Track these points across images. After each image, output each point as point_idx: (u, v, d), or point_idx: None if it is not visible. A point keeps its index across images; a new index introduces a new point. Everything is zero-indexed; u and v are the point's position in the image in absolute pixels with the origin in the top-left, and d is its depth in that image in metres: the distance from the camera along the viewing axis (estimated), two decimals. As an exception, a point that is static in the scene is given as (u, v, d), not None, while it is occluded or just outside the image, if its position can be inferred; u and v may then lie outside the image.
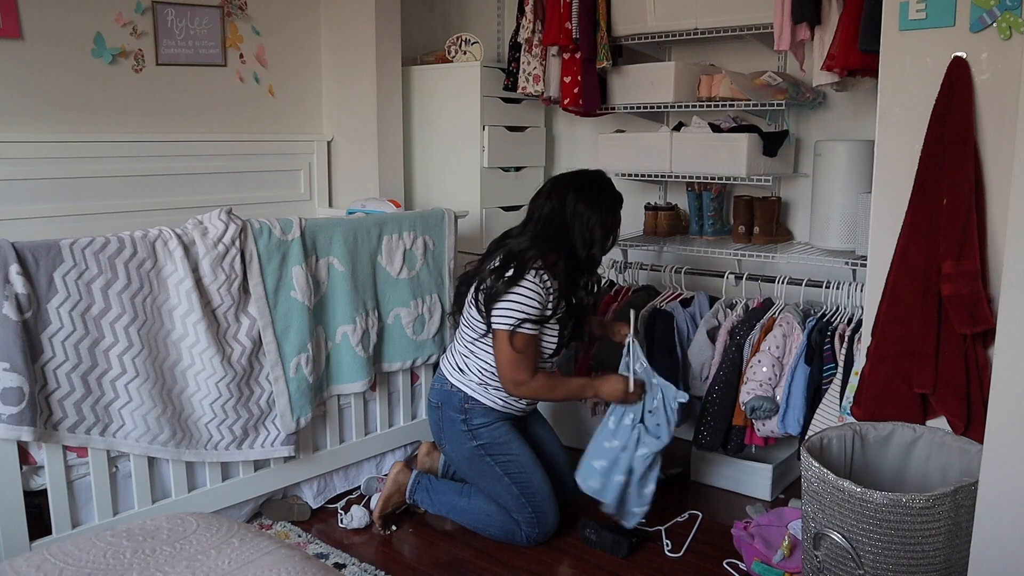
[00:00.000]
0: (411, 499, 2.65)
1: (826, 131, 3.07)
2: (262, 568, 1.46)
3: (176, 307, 2.32)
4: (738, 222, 3.08)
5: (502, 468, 2.50)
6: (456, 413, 2.52)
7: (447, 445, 2.59)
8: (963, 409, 2.05)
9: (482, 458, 2.51)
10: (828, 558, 1.93)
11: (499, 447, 2.51)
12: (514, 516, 2.52)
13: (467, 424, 2.51)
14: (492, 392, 2.51)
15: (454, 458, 2.59)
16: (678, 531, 2.66)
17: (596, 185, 2.47)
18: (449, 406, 2.54)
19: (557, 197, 2.43)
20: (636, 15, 3.12)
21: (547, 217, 2.42)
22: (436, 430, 2.63)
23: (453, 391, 2.54)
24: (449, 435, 2.56)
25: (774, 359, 2.66)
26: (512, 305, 2.36)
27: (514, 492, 2.50)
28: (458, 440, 2.54)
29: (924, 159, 2.08)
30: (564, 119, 3.78)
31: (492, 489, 2.53)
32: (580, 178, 2.48)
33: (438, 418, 2.58)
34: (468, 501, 2.59)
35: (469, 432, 2.51)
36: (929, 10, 2.04)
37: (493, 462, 2.50)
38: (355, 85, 3.46)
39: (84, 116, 2.86)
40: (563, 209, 2.41)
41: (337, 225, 2.70)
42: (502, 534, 2.55)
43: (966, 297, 1.99)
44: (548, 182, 2.52)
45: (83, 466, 2.24)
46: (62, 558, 1.48)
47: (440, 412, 2.57)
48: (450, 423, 2.54)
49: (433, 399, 2.60)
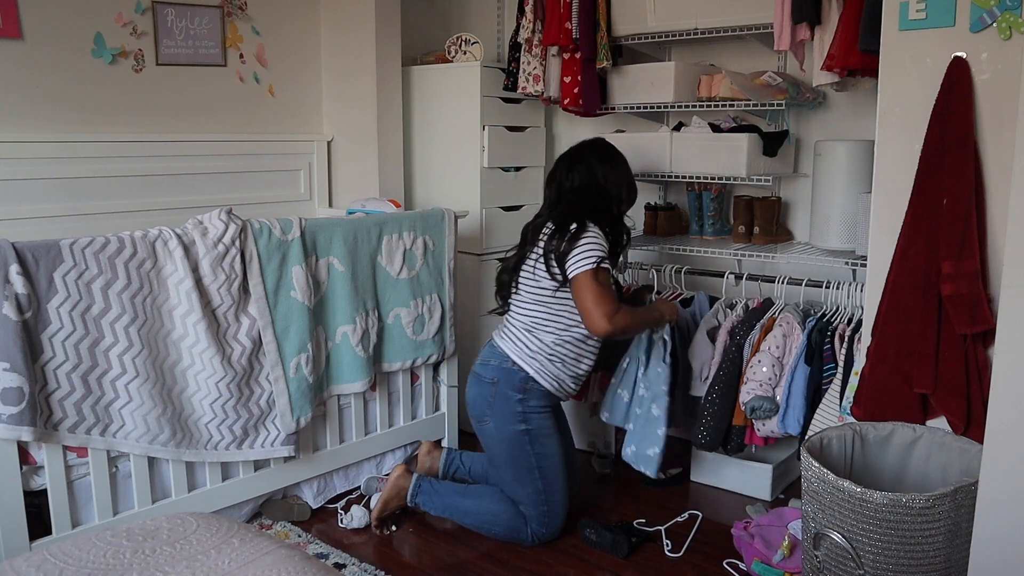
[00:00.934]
0: (412, 503, 2.65)
1: (826, 131, 3.06)
2: (262, 568, 1.46)
3: (176, 307, 2.32)
4: (738, 222, 3.08)
5: (536, 460, 2.52)
6: (514, 392, 2.51)
7: (492, 423, 2.55)
8: (963, 409, 2.05)
9: (524, 444, 2.51)
10: (828, 558, 1.93)
11: (542, 438, 2.52)
12: (524, 511, 2.53)
13: (523, 405, 2.51)
14: (554, 370, 2.52)
15: (495, 436, 2.55)
16: (678, 531, 2.66)
17: (608, 148, 2.66)
18: (507, 384, 2.52)
19: (582, 167, 2.59)
20: (636, 15, 3.12)
21: (579, 188, 2.57)
22: (482, 406, 2.57)
23: (514, 369, 2.52)
24: (499, 413, 2.52)
25: (774, 359, 2.66)
26: (586, 249, 2.43)
27: (538, 487, 2.52)
28: (507, 420, 2.51)
29: (924, 159, 2.08)
30: (564, 119, 3.78)
31: (517, 478, 2.53)
32: (593, 146, 2.66)
33: (489, 394, 2.54)
34: (472, 502, 2.59)
35: (522, 414, 2.51)
36: (929, 10, 2.04)
37: (531, 451, 2.51)
38: (355, 85, 3.46)
39: (84, 116, 2.86)
40: (593, 176, 2.58)
41: (337, 225, 2.70)
42: (507, 533, 2.55)
43: (966, 297, 1.99)
44: (562, 160, 2.65)
45: (83, 466, 2.24)
46: (62, 558, 1.48)
47: (494, 388, 2.53)
48: (504, 400, 2.52)
49: (487, 375, 2.56)
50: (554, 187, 2.64)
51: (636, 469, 2.71)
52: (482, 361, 2.62)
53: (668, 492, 2.96)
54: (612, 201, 2.60)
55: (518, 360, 2.53)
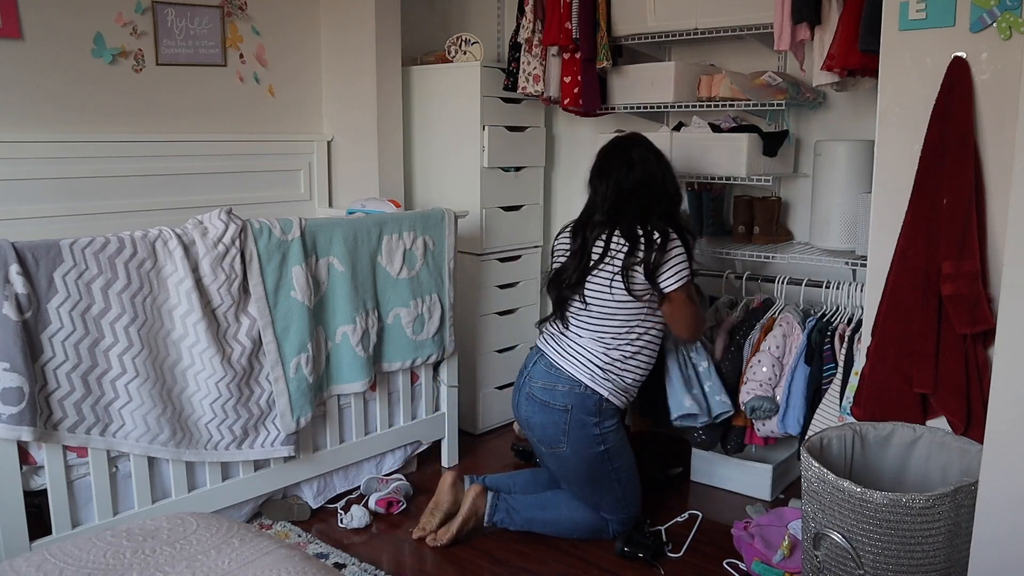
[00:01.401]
0: (491, 522, 2.58)
1: (826, 131, 3.06)
2: (262, 568, 1.46)
3: (176, 307, 2.32)
4: (738, 222, 3.08)
5: (616, 474, 2.50)
6: (590, 416, 2.45)
7: (569, 448, 2.47)
8: (963, 409, 2.05)
9: (604, 463, 2.48)
10: (828, 558, 1.93)
11: (619, 452, 2.50)
12: (606, 515, 2.55)
13: (600, 427, 2.45)
14: (624, 384, 2.48)
15: (574, 461, 2.49)
16: (678, 531, 2.67)
17: (656, 147, 2.58)
18: (582, 409, 2.45)
19: (641, 165, 2.49)
20: (636, 15, 3.12)
21: (639, 187, 2.47)
22: (556, 433, 2.48)
23: (588, 394, 2.44)
24: (577, 438, 2.46)
25: (774, 359, 2.66)
26: (677, 261, 2.40)
27: (617, 495, 2.53)
28: (587, 444, 2.46)
29: (924, 159, 2.08)
30: (564, 119, 3.78)
31: (596, 492, 2.53)
32: (645, 143, 2.56)
33: (563, 421, 2.46)
34: (551, 514, 2.59)
35: (600, 436, 2.46)
36: (929, 10, 2.04)
37: (612, 466, 2.49)
38: (355, 85, 3.46)
39: (84, 116, 2.86)
40: (653, 175, 2.49)
41: (337, 225, 2.70)
42: (590, 535, 2.60)
43: (966, 297, 1.99)
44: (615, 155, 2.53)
45: (83, 466, 2.24)
46: (62, 558, 1.48)
47: (569, 415, 2.45)
48: (580, 426, 2.45)
49: (557, 401, 2.46)
50: (611, 185, 2.49)
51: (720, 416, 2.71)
52: (545, 386, 2.50)
53: (668, 492, 2.97)
54: (673, 203, 2.53)
55: (591, 384, 2.45)
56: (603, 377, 2.45)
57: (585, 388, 2.45)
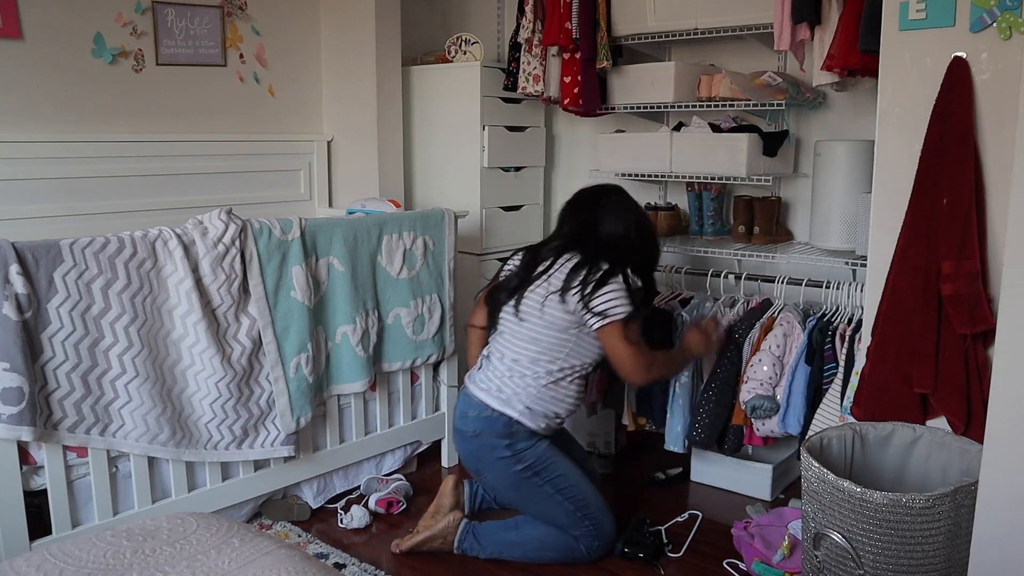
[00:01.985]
0: (459, 550, 2.50)
1: (826, 131, 3.06)
2: (262, 568, 1.46)
3: (176, 307, 2.32)
4: (738, 222, 3.08)
5: (552, 486, 2.40)
6: (499, 439, 2.39)
7: (489, 474, 2.46)
8: (963, 409, 2.05)
9: (529, 480, 2.40)
10: (828, 558, 1.93)
11: (546, 466, 2.40)
12: (571, 533, 2.43)
13: (511, 448, 2.38)
14: (541, 408, 2.40)
15: (499, 486, 2.48)
16: (678, 531, 2.66)
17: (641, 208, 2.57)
18: (490, 432, 2.39)
19: (625, 214, 2.46)
20: (636, 15, 3.12)
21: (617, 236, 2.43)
22: (473, 460, 2.47)
23: (495, 416, 2.39)
24: (491, 462, 2.41)
25: (774, 358, 2.66)
26: (615, 295, 2.32)
27: (568, 508, 2.41)
28: (502, 467, 2.40)
29: (924, 159, 2.08)
30: (564, 119, 3.78)
31: (544, 510, 2.43)
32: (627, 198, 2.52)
33: (475, 447, 2.43)
34: (518, 533, 2.48)
35: (514, 456, 2.38)
36: (929, 10, 2.04)
37: (542, 481, 2.40)
38: (355, 85, 3.46)
39: (84, 116, 2.86)
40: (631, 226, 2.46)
41: (337, 225, 2.70)
42: (561, 556, 2.45)
43: (966, 297, 1.98)
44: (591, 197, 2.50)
45: (83, 466, 2.24)
46: (62, 558, 1.48)
47: (478, 440, 2.42)
48: (491, 450, 2.40)
49: (468, 428, 2.43)
50: (580, 221, 2.46)
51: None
52: (460, 414, 2.48)
53: (668, 492, 2.96)
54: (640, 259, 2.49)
55: (499, 407, 2.39)
56: (515, 398, 2.39)
57: (492, 411, 2.40)
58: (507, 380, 2.42)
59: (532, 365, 2.40)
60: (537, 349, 2.40)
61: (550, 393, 2.41)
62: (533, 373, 2.40)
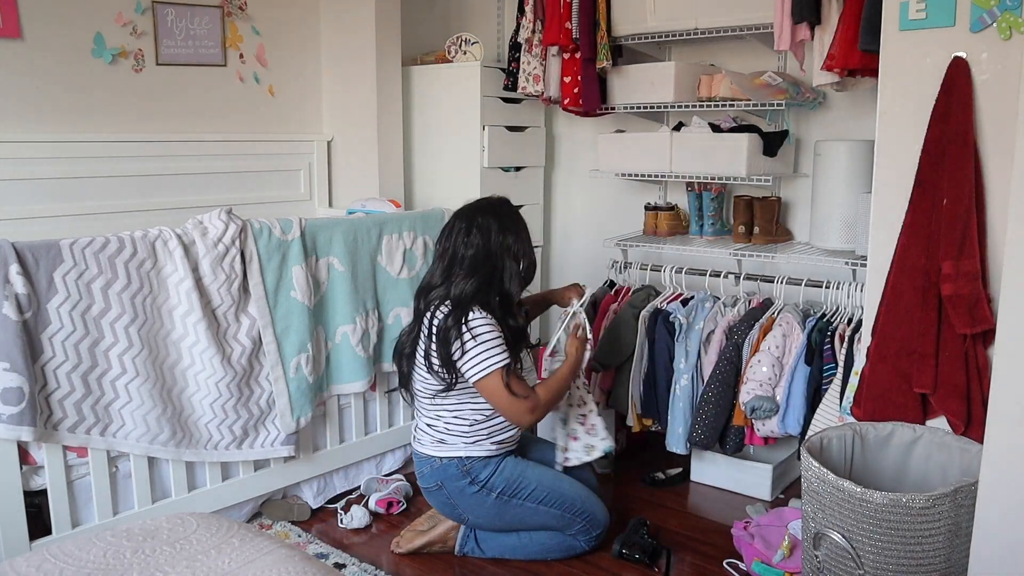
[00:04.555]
0: (460, 553, 2.51)
1: (826, 131, 3.06)
2: (262, 568, 1.46)
3: (176, 307, 2.32)
4: (738, 222, 3.08)
5: (532, 500, 2.40)
6: (460, 481, 2.38)
7: (470, 515, 2.44)
8: (963, 409, 2.05)
9: (508, 503, 2.39)
10: (828, 558, 1.93)
11: (517, 485, 2.39)
12: (567, 533, 2.46)
13: (476, 483, 2.37)
14: (483, 441, 2.40)
15: (484, 521, 2.45)
16: (678, 531, 2.66)
17: (513, 213, 2.44)
18: (449, 478, 2.39)
19: (480, 232, 2.34)
20: (636, 15, 3.12)
21: (473, 256, 2.33)
22: (449, 510, 2.45)
23: (446, 463, 2.39)
24: (465, 505, 2.41)
25: (774, 359, 2.66)
26: (482, 347, 2.26)
27: (555, 514, 2.42)
28: (477, 502, 2.39)
29: (924, 159, 2.08)
30: (564, 119, 3.78)
31: (535, 522, 2.44)
32: (496, 209, 2.41)
33: (445, 497, 2.43)
34: (519, 537, 2.48)
35: (483, 489, 2.38)
36: (929, 10, 2.04)
37: (520, 500, 2.39)
38: (355, 85, 3.46)
39: (84, 116, 2.86)
40: (488, 244, 2.34)
41: (337, 225, 2.70)
42: (563, 554, 2.48)
43: (966, 297, 1.99)
44: (461, 218, 2.39)
45: (83, 466, 2.24)
46: (62, 558, 1.48)
47: (444, 491, 2.41)
48: (459, 494, 2.39)
49: (429, 484, 2.43)
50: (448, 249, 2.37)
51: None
52: (418, 474, 2.48)
53: (668, 492, 2.96)
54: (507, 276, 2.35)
55: (440, 454, 2.40)
56: (455, 440, 2.39)
57: (440, 460, 2.40)
58: (441, 431, 2.42)
59: (454, 419, 2.40)
60: (449, 403, 2.38)
61: (484, 430, 2.40)
62: (457, 423, 2.39)
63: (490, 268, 2.34)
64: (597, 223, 3.73)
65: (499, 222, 2.37)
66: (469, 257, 2.34)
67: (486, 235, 2.34)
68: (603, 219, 3.70)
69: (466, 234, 2.35)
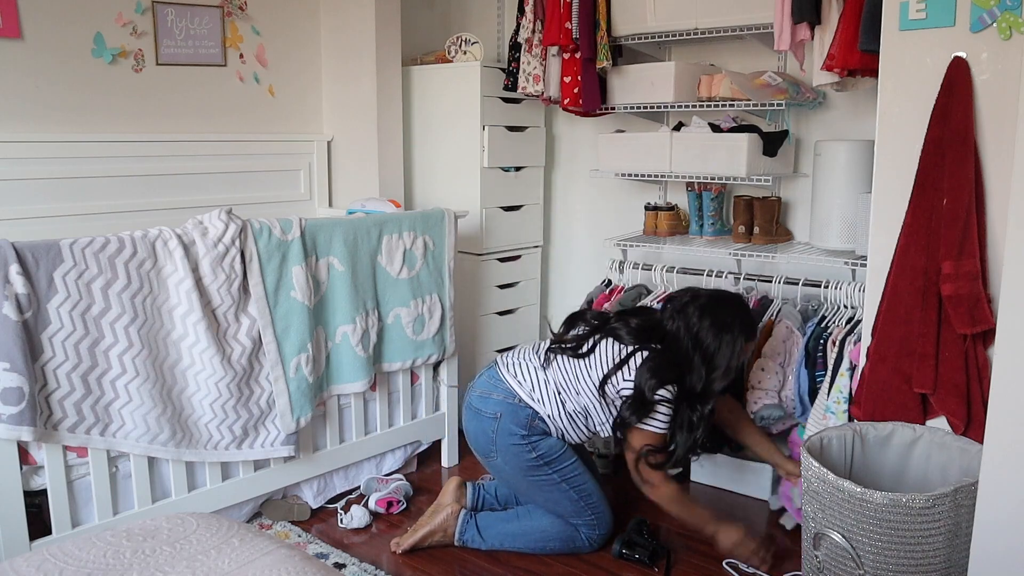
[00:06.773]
0: (460, 541, 2.54)
1: (826, 131, 3.06)
2: (262, 568, 1.46)
3: (176, 307, 2.32)
4: (738, 222, 3.08)
5: (560, 475, 2.44)
6: (519, 427, 2.41)
7: (499, 457, 2.45)
8: (963, 409, 2.05)
9: (539, 468, 2.43)
10: (828, 558, 1.93)
11: (556, 456, 2.44)
12: (572, 522, 2.48)
13: (527, 439, 2.41)
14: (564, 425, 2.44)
15: (507, 470, 2.47)
16: (678, 531, 2.66)
17: (749, 322, 2.45)
18: (512, 419, 2.42)
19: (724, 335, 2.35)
20: (636, 15, 3.12)
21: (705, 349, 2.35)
22: (485, 441, 2.47)
23: (521, 406, 2.42)
24: (504, 447, 2.43)
25: (776, 365, 2.66)
26: (661, 413, 2.34)
27: (573, 497, 2.46)
28: (515, 452, 2.42)
29: (924, 159, 2.08)
30: (564, 119, 3.78)
31: (549, 498, 2.47)
32: (736, 310, 2.43)
33: (491, 429, 2.44)
34: (519, 524, 2.52)
35: (528, 445, 2.41)
36: (929, 10, 2.04)
37: (551, 471, 2.43)
38: (355, 85, 3.46)
39: (84, 116, 2.86)
40: (720, 346, 2.35)
41: (337, 225, 2.70)
42: (562, 545, 2.50)
43: (966, 297, 1.99)
44: (698, 300, 2.40)
45: (83, 466, 2.24)
46: (62, 558, 1.48)
47: (497, 423, 2.43)
48: (506, 434, 2.42)
49: (488, 409, 2.45)
50: (675, 315, 2.38)
51: None
52: (482, 394, 2.49)
53: (668, 492, 2.96)
54: (702, 375, 2.35)
55: (527, 399, 2.43)
56: (542, 401, 2.43)
57: (519, 400, 2.43)
58: (544, 392, 2.44)
59: (565, 402, 2.43)
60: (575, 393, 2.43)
61: (573, 422, 2.45)
62: (565, 404, 2.44)
63: (684, 358, 2.36)
64: (597, 223, 3.73)
65: (745, 336, 2.41)
66: (702, 348, 2.34)
67: (728, 344, 2.35)
68: (603, 219, 3.70)
69: (716, 330, 2.34)
